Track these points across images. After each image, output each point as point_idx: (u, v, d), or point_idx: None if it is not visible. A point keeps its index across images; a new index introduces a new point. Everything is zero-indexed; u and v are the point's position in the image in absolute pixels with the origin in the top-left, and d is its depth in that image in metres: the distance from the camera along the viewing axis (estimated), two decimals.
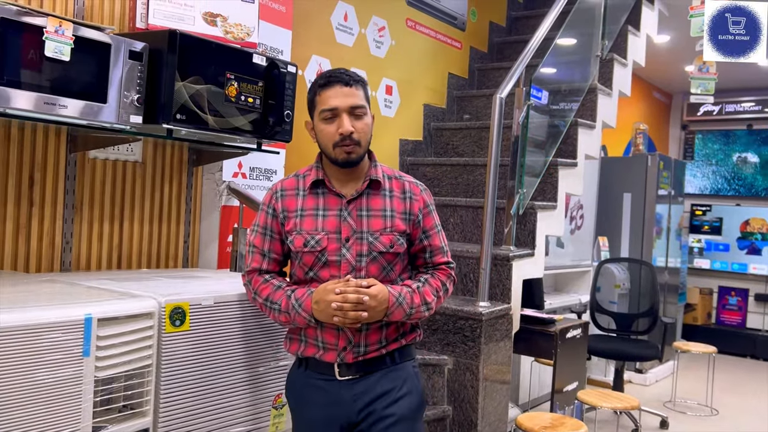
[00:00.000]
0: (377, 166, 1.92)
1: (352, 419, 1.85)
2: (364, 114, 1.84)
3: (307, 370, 1.89)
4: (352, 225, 1.83)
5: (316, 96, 1.85)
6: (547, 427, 2.94)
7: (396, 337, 1.89)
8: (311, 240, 1.83)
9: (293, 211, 1.87)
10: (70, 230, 2.39)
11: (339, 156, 1.83)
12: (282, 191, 1.91)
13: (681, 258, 6.84)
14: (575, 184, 3.92)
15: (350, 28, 3.88)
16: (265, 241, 1.90)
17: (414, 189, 1.93)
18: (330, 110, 1.81)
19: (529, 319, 3.61)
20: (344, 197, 1.86)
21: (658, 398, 5.38)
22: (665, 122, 8.67)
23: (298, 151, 3.43)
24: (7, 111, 1.83)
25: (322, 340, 1.85)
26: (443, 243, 1.96)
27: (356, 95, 1.82)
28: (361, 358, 1.84)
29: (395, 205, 1.88)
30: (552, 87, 3.87)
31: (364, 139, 1.84)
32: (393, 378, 1.87)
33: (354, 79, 1.84)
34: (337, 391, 1.85)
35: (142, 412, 1.74)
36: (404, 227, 1.87)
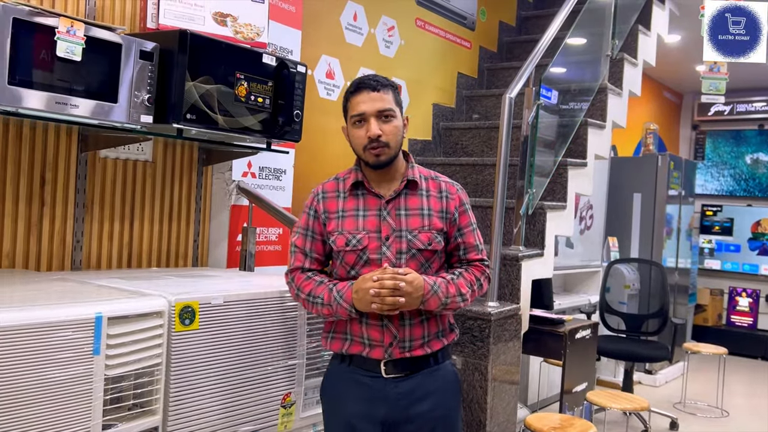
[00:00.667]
0: (414, 167, 1.98)
1: (395, 417, 1.88)
2: (392, 117, 1.89)
3: (350, 366, 1.92)
4: (392, 224, 1.89)
5: (348, 102, 1.93)
6: (556, 427, 2.93)
7: (437, 333, 1.93)
8: (353, 239, 1.89)
9: (334, 212, 1.94)
10: (81, 229, 2.40)
11: (369, 158, 1.89)
12: (323, 193, 1.98)
13: (691, 259, 6.80)
14: (585, 184, 3.90)
15: (360, 27, 3.88)
16: (307, 241, 1.96)
17: (450, 188, 1.98)
18: (358, 115, 1.89)
19: (538, 319, 3.60)
20: (383, 197, 1.92)
21: (668, 399, 5.35)
22: (676, 122, 8.63)
23: (307, 151, 3.43)
24: (19, 110, 1.84)
25: (368, 336, 1.88)
26: (478, 241, 2.00)
27: (384, 99, 1.88)
28: (408, 354, 1.88)
29: (432, 204, 1.93)
30: (562, 87, 3.86)
31: (393, 141, 1.89)
32: (436, 378, 1.92)
33: (382, 84, 1.89)
34: (382, 388, 1.88)
35: (151, 411, 1.75)
36: (441, 225, 1.92)
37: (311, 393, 2.21)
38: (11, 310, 1.51)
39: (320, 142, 3.63)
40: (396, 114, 1.90)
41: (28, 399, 1.49)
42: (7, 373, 1.45)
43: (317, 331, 2.20)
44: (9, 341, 1.46)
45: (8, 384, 1.45)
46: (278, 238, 3.09)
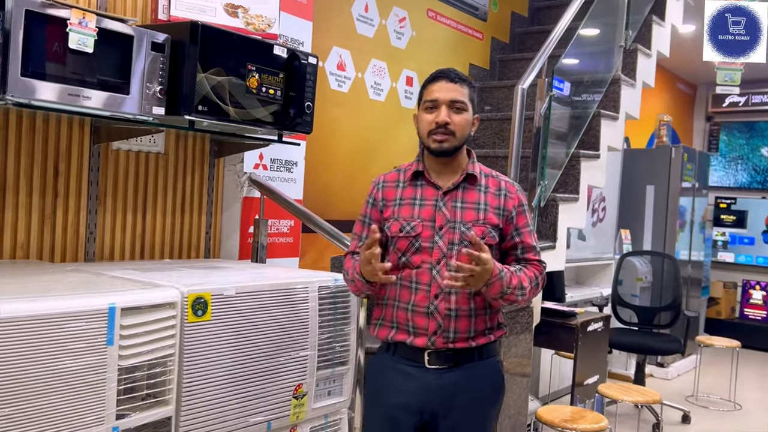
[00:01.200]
0: (475, 163, 2.00)
1: (435, 409, 1.89)
2: (463, 109, 1.92)
3: (395, 355, 1.95)
4: (446, 215, 1.91)
5: (424, 89, 1.96)
6: (567, 420, 2.92)
7: (484, 330, 1.93)
8: (407, 226, 1.92)
9: (392, 200, 1.98)
10: (94, 221, 2.41)
11: (432, 144, 1.92)
12: (384, 183, 2.03)
13: (704, 251, 6.75)
14: (597, 176, 3.88)
15: (371, 19, 3.87)
16: (364, 228, 2.02)
17: (510, 187, 1.99)
18: (431, 101, 1.92)
19: (550, 311, 3.59)
20: (441, 189, 1.94)
21: (680, 393, 5.33)
22: (689, 114, 8.55)
23: (318, 143, 3.43)
24: (32, 102, 1.85)
25: (413, 324, 1.90)
26: (535, 242, 2.00)
27: (459, 91, 1.92)
28: (451, 345, 1.88)
29: (489, 200, 1.94)
30: (574, 78, 3.83)
31: (459, 132, 1.91)
32: (478, 373, 1.93)
33: (460, 77, 1.94)
34: (425, 378, 1.90)
35: (164, 401, 1.76)
36: (497, 221, 1.93)
37: (323, 384, 2.21)
38: (26, 300, 1.52)
39: (331, 134, 3.63)
40: (467, 108, 1.93)
41: (42, 389, 1.50)
42: (22, 363, 1.46)
43: (329, 322, 2.21)
44: (24, 331, 1.47)
45: (23, 374, 1.47)
46: (290, 230, 3.10)
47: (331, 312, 2.22)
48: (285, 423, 2.10)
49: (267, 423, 2.04)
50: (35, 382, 1.49)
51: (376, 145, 3.97)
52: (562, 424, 2.89)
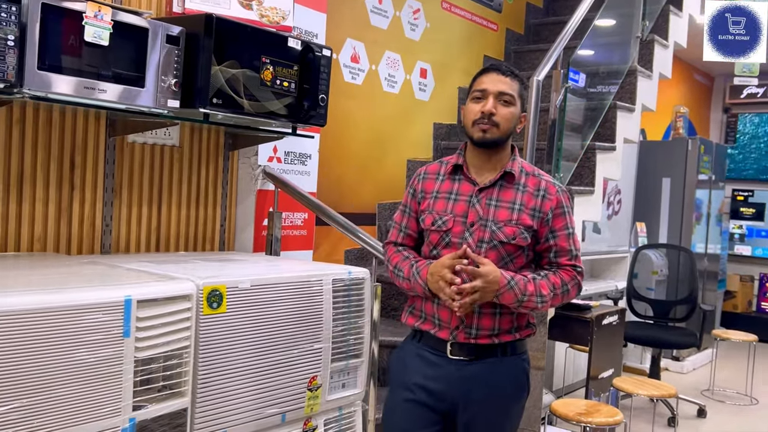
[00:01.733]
0: (516, 160, 1.97)
1: (455, 399, 1.90)
2: (511, 103, 1.90)
3: (420, 343, 1.97)
4: (479, 212, 1.89)
5: (474, 81, 1.95)
6: (582, 413, 2.91)
7: (510, 330, 1.92)
8: (439, 220, 1.92)
9: (430, 193, 1.98)
10: (109, 213, 2.43)
11: (475, 134, 1.90)
12: (425, 174, 2.03)
13: (721, 244, 6.69)
14: (613, 169, 3.85)
15: (385, 10, 3.85)
16: (404, 218, 2.04)
17: (550, 188, 1.94)
18: (480, 91, 1.91)
19: (564, 305, 3.57)
20: (477, 185, 1.93)
21: (696, 387, 5.29)
22: (706, 105, 8.46)
23: (332, 136, 3.43)
24: (49, 95, 1.86)
25: (438, 317, 1.92)
26: (572, 246, 1.94)
27: (508, 84, 1.90)
28: (473, 341, 1.89)
29: (525, 200, 1.91)
30: (590, 69, 3.79)
31: (504, 125, 1.89)
32: (501, 370, 1.92)
33: (512, 72, 1.93)
34: (447, 368, 1.90)
35: (180, 392, 1.77)
36: (531, 223, 1.89)
37: (337, 376, 2.22)
38: (44, 293, 1.53)
39: (345, 127, 3.62)
40: (515, 103, 1.91)
41: (60, 380, 1.51)
42: (41, 354, 1.48)
43: (343, 315, 2.21)
44: (42, 323, 1.48)
45: (41, 365, 1.48)
46: (303, 222, 3.10)
47: (345, 305, 2.22)
48: (299, 415, 2.11)
49: (282, 415, 2.05)
50: (53, 373, 1.50)
51: (390, 137, 3.96)
52: (577, 418, 2.88)
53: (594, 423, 2.87)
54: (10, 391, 1.43)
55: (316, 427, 2.19)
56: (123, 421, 1.63)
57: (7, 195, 2.16)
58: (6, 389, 1.43)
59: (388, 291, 3.35)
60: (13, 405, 1.44)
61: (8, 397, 1.43)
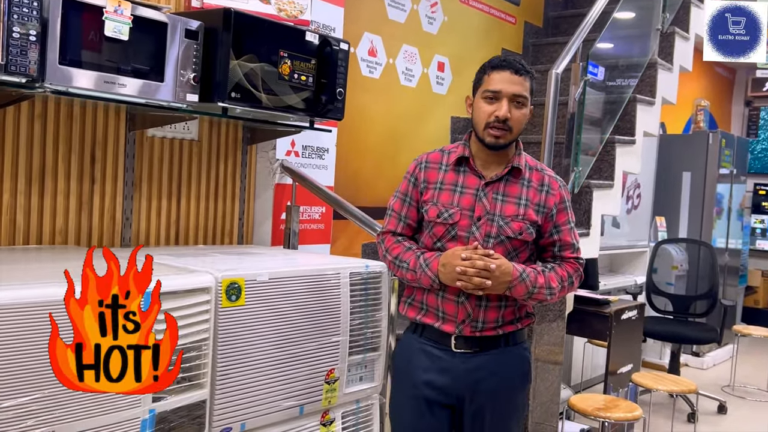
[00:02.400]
0: (521, 154, 1.96)
1: (461, 392, 1.90)
2: (524, 104, 1.89)
3: (422, 337, 1.96)
4: (486, 206, 1.88)
5: (485, 75, 1.90)
6: (600, 408, 2.90)
7: (512, 320, 1.93)
8: (445, 212, 1.90)
9: (433, 183, 1.95)
10: (129, 207, 2.45)
11: (487, 138, 1.88)
12: (426, 163, 1.99)
13: (742, 239, 6.61)
14: (633, 163, 3.82)
15: (402, 4, 3.84)
16: (404, 207, 1.99)
17: (553, 183, 1.95)
18: (493, 92, 1.86)
19: (583, 299, 3.55)
20: (484, 178, 1.91)
21: (716, 383, 5.24)
22: (728, 98, 8.35)
23: (349, 130, 3.43)
24: (70, 90, 1.88)
25: (443, 310, 1.91)
26: (574, 240, 1.97)
27: (523, 85, 1.87)
28: (478, 333, 1.89)
29: (530, 195, 1.91)
30: (609, 62, 3.76)
31: (516, 128, 1.88)
32: (504, 360, 1.93)
33: (526, 70, 1.89)
34: (451, 361, 1.91)
35: (199, 384, 1.79)
36: (536, 218, 1.90)
37: (354, 369, 2.22)
38: (65, 284, 1.54)
39: (362, 121, 3.62)
40: (527, 103, 1.90)
41: None
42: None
43: (360, 308, 2.21)
44: (63, 315, 1.50)
45: None
46: (321, 216, 3.11)
47: (362, 298, 2.22)
48: (317, 407, 2.12)
49: (299, 407, 2.06)
50: None
51: (407, 131, 3.96)
52: (595, 413, 2.87)
53: (612, 418, 2.86)
54: (33, 381, 1.45)
55: (334, 420, 2.20)
56: (143, 413, 1.65)
57: (29, 188, 2.19)
58: (29, 380, 1.45)
59: None
60: (36, 395, 1.46)
61: (31, 388, 1.45)
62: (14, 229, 2.16)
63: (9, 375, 1.43)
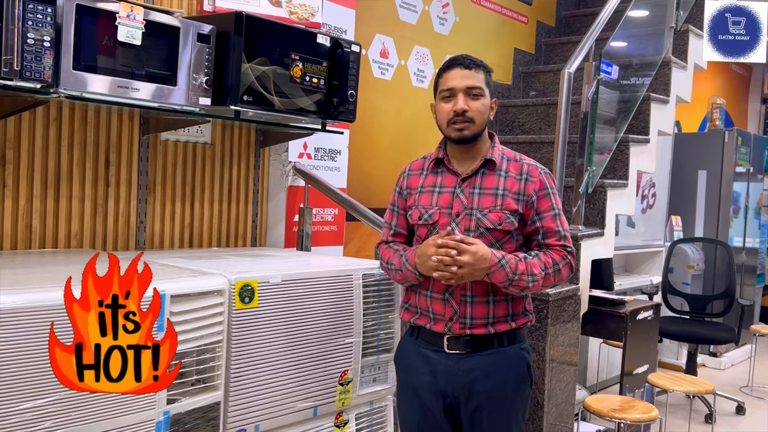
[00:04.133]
0: (496, 147, 1.98)
1: (457, 393, 1.91)
2: (480, 95, 1.91)
3: (418, 339, 1.98)
4: (463, 201, 1.91)
5: (439, 78, 1.97)
6: (616, 409, 2.88)
7: (505, 318, 1.92)
8: (425, 213, 1.95)
9: (415, 188, 2.01)
10: (144, 210, 2.47)
11: (452, 133, 1.93)
12: (409, 171, 2.08)
13: (760, 238, 6.54)
14: (647, 162, 3.79)
15: (413, 5, 3.84)
16: (393, 216, 2.08)
17: (532, 171, 1.95)
18: (447, 90, 1.92)
19: (598, 300, 3.53)
20: (459, 175, 1.94)
21: (734, 383, 5.19)
22: (744, 96, 8.27)
23: (361, 132, 3.43)
24: (84, 95, 1.90)
25: (432, 310, 1.93)
26: (560, 227, 1.94)
27: (474, 77, 1.91)
28: (468, 331, 1.89)
29: (508, 185, 1.92)
30: (623, 61, 3.73)
31: (478, 119, 1.91)
32: (499, 360, 1.92)
33: (475, 63, 1.93)
34: (445, 362, 1.91)
35: (213, 386, 1.80)
36: (516, 207, 1.90)
37: (368, 371, 2.23)
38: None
39: (374, 122, 3.62)
40: (485, 94, 1.92)
41: None
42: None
43: (373, 309, 2.21)
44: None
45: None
46: (334, 218, 3.11)
47: (375, 299, 2.22)
48: (331, 409, 2.12)
49: (313, 409, 2.06)
50: None
51: (420, 132, 3.95)
52: (611, 414, 2.85)
53: (629, 419, 2.84)
54: (49, 383, 1.47)
55: (348, 422, 2.20)
56: (158, 414, 1.66)
57: (44, 192, 2.21)
58: (45, 382, 1.46)
59: None
60: (52, 397, 1.47)
61: (47, 390, 1.47)
62: (30, 234, 2.19)
63: (25, 377, 1.44)
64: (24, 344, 1.44)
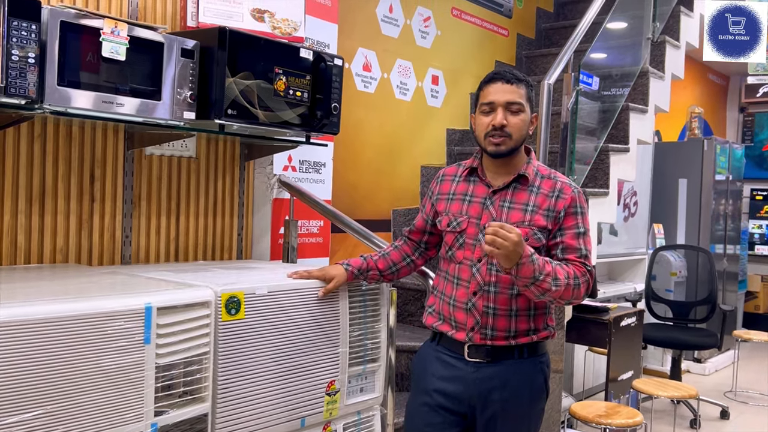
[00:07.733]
0: (531, 163, 1.98)
1: (473, 401, 1.92)
2: (520, 110, 1.92)
3: (439, 345, 2.01)
4: (493, 214, 1.93)
5: (480, 91, 1.97)
6: (602, 415, 2.91)
7: (527, 332, 1.93)
8: (454, 221, 1.99)
9: (446, 194, 2.05)
10: (129, 224, 2.47)
11: (488, 147, 1.93)
12: (443, 176, 2.11)
13: (740, 245, 6.63)
14: (627, 170, 3.85)
15: (395, 19, 3.89)
16: (418, 215, 2.17)
17: (565, 188, 1.93)
18: (488, 104, 1.93)
19: (581, 308, 3.57)
20: (491, 187, 1.96)
21: (718, 388, 5.24)
22: (722, 105, 8.40)
23: (345, 144, 3.47)
24: (69, 110, 1.91)
25: (455, 318, 1.95)
26: (581, 245, 1.91)
27: (516, 93, 1.91)
28: (489, 342, 1.91)
29: (539, 201, 1.92)
30: (602, 72, 3.80)
31: (516, 134, 1.91)
32: (517, 371, 1.93)
33: (517, 78, 1.93)
34: (464, 370, 1.93)
35: (200, 398, 1.80)
36: (544, 223, 1.90)
37: (355, 381, 2.24)
38: (66, 301, 1.57)
39: (358, 135, 3.66)
40: (525, 109, 1.93)
41: (83, 386, 1.55)
42: (63, 361, 1.52)
43: (359, 320, 2.23)
44: (65, 331, 1.52)
45: (64, 372, 1.52)
46: (319, 230, 3.13)
47: (361, 310, 2.24)
48: (318, 419, 2.13)
49: (301, 419, 2.07)
50: (76, 379, 1.54)
51: (404, 144, 3.99)
52: (597, 420, 2.88)
53: (614, 425, 2.87)
54: (35, 397, 1.47)
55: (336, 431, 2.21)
56: (145, 426, 1.66)
57: (29, 208, 2.21)
58: (30, 396, 1.46)
59: (404, 296, 3.37)
60: (38, 411, 1.48)
61: (33, 404, 1.47)
62: (15, 249, 2.19)
63: (12, 391, 1.44)
64: (9, 359, 1.44)
